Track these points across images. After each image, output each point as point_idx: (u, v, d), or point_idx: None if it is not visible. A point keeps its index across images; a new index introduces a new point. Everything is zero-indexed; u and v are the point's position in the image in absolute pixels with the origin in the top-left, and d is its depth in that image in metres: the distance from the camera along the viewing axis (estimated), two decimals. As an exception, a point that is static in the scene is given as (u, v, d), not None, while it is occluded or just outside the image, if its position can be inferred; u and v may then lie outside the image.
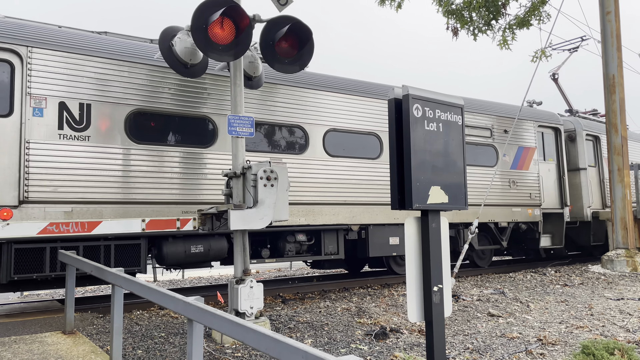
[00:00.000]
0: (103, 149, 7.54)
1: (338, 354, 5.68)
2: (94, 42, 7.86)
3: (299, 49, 6.75)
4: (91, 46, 7.72)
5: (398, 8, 13.57)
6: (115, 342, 4.92)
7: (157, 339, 6.28)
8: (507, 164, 12.75)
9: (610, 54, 13.07)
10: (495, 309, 8.07)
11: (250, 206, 6.27)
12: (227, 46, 6.23)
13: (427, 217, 3.96)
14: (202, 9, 6.02)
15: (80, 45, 7.64)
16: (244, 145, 6.69)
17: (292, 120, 9.44)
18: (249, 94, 8.59)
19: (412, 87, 3.95)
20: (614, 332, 6.49)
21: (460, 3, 13.23)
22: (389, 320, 7.23)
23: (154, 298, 4.22)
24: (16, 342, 5.84)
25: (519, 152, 13.14)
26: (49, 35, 7.50)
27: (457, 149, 4.16)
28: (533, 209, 13.26)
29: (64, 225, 7.12)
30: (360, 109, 10.39)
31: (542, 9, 13.29)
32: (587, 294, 9.40)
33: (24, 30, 7.30)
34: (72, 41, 7.62)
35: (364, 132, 10.39)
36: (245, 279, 6.35)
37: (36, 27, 7.58)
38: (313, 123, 9.70)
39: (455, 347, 5.91)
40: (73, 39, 7.67)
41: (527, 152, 13.38)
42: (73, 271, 6.24)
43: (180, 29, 7.01)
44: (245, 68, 7.27)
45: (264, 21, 6.59)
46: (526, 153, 13.35)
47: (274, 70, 7.18)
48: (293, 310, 8.07)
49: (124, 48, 8.04)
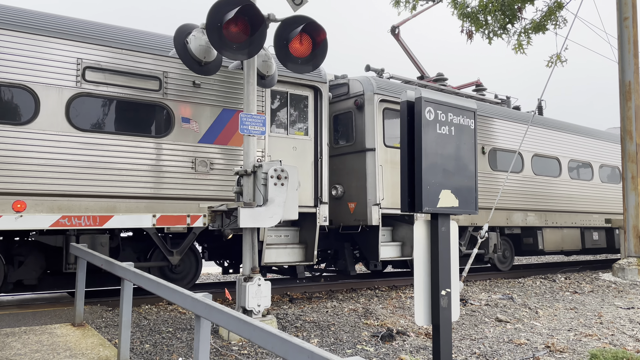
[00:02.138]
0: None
1: (344, 354, 5.69)
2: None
3: (312, 49, 6.76)
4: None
5: (413, 10, 13.54)
6: (124, 335, 4.96)
7: (164, 333, 6.33)
8: (192, 135, 8.31)
9: (627, 60, 12.92)
10: (504, 314, 8.02)
11: (260, 204, 6.29)
12: (241, 45, 6.25)
13: (437, 221, 3.95)
14: (218, 7, 6.04)
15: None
16: (255, 144, 6.72)
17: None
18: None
19: (425, 89, 3.94)
20: (623, 341, 6.42)
21: (476, 6, 13.18)
22: (395, 323, 7.22)
23: (162, 293, 4.25)
24: (26, 333, 5.91)
25: (222, 118, 8.63)
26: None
27: (469, 152, 4.15)
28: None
29: (76, 218, 7.21)
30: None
31: (558, 14, 13.19)
32: (597, 302, 9.31)
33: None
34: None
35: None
36: (253, 276, 6.38)
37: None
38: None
39: (462, 351, 5.89)
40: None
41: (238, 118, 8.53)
42: (84, 264, 6.30)
43: (195, 26, 7.05)
44: (259, 67, 7.30)
45: (279, 20, 6.61)
46: (238, 120, 8.05)
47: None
48: (300, 309, 8.09)
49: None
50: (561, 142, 14.81)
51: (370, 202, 10.18)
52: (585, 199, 15.32)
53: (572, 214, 14.77)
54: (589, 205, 15.39)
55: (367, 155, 10.38)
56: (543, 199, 13.91)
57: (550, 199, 14.08)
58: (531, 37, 13.21)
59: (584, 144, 15.62)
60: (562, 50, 12.31)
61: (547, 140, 14.36)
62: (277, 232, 9.33)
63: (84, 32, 7.72)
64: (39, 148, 7.14)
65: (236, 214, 6.20)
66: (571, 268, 15.87)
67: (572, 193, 14.87)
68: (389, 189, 10.42)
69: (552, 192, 14.19)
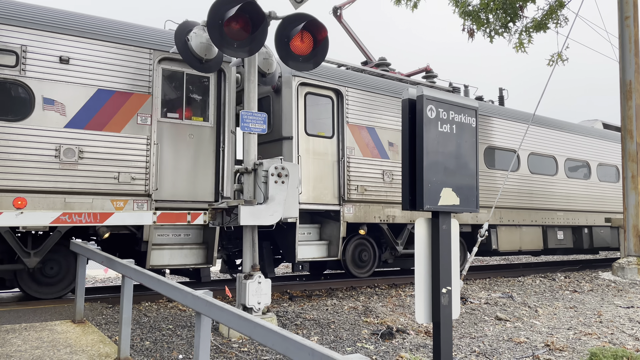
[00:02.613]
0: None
1: (344, 352, 5.69)
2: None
3: (313, 47, 6.75)
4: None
5: (414, 8, 13.52)
6: (124, 332, 4.97)
7: (165, 330, 6.34)
8: (58, 118, 7.20)
9: (628, 59, 12.92)
10: (503, 312, 8.03)
11: (261, 202, 6.29)
12: (242, 42, 6.25)
13: (438, 219, 3.95)
14: (219, 4, 6.04)
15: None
16: (256, 142, 6.72)
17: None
18: None
19: (427, 87, 3.94)
20: (623, 340, 6.43)
21: (477, 4, 13.16)
22: (395, 321, 7.23)
23: (163, 290, 4.25)
24: (26, 330, 5.91)
25: (97, 99, 7.48)
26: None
27: (470, 151, 4.15)
28: (128, 200, 7.67)
29: (77, 215, 7.19)
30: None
31: (559, 12, 13.18)
32: (596, 301, 9.32)
33: None
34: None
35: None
36: (253, 274, 6.39)
37: None
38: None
39: (461, 349, 5.90)
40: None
41: (118, 100, 7.65)
42: (84, 261, 6.30)
43: (196, 24, 7.05)
44: (260, 64, 7.30)
45: (280, 18, 6.60)
46: (117, 102, 7.63)
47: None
48: (300, 307, 8.10)
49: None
50: (521, 133, 13.10)
51: None
52: (549, 195, 13.94)
53: (532, 212, 13.51)
54: (553, 201, 14.02)
55: (284, 145, 9.35)
56: (497, 195, 12.39)
57: (506, 194, 12.69)
58: (532, 35, 13.20)
59: (548, 136, 14.25)
60: (563, 49, 12.31)
61: (505, 132, 13.14)
62: (176, 231, 8.35)
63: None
64: None
65: (237, 211, 6.21)
66: (571, 267, 15.89)
67: (533, 188, 13.58)
68: (310, 182, 9.44)
69: (508, 187, 12.79)
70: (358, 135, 10.25)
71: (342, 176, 9.91)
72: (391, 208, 10.66)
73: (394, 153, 10.74)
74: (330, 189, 9.78)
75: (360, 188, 10.07)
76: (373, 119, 10.54)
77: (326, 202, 9.70)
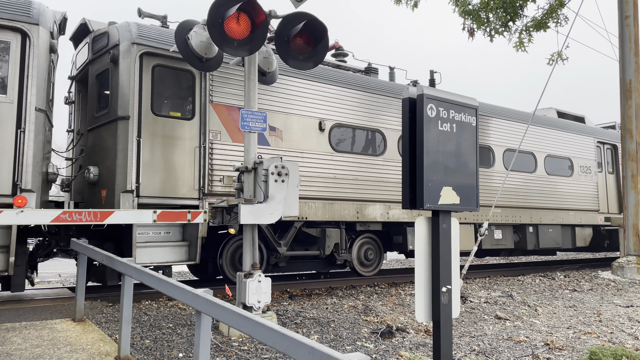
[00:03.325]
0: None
1: (344, 351, 5.70)
2: None
3: (313, 45, 6.75)
4: None
5: (414, 7, 13.52)
6: (124, 331, 4.97)
7: (165, 329, 6.34)
8: None
9: (628, 58, 12.92)
10: (503, 311, 8.04)
11: (261, 201, 6.30)
12: (242, 41, 6.25)
13: (438, 218, 3.96)
14: (219, 3, 6.03)
15: None
16: (256, 140, 6.72)
17: None
18: None
19: (427, 86, 3.95)
20: (622, 339, 6.44)
21: (477, 4, 13.17)
22: (395, 320, 7.23)
23: (163, 289, 4.26)
24: (27, 328, 5.92)
25: None
26: None
27: (470, 150, 4.16)
28: None
29: (77, 214, 7.16)
30: None
31: (559, 12, 13.18)
32: (596, 300, 9.32)
33: None
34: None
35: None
36: (253, 273, 6.39)
37: None
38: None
39: (461, 348, 5.90)
40: None
41: None
42: (84, 260, 6.31)
43: (197, 22, 7.04)
44: (260, 63, 7.29)
45: (280, 17, 6.60)
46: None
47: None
48: (300, 306, 8.10)
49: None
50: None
51: (120, 188, 7.77)
52: (484, 189, 12.28)
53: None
54: (488, 197, 12.18)
55: (119, 126, 7.89)
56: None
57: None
58: (532, 34, 13.20)
59: (484, 124, 12.83)
60: (563, 48, 12.31)
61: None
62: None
63: None
64: None
65: (237, 210, 6.21)
66: (570, 266, 15.90)
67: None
68: (158, 171, 8.03)
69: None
70: (227, 117, 8.76)
71: (203, 165, 8.41)
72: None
73: (277, 139, 9.26)
74: (188, 180, 8.31)
75: (227, 179, 8.53)
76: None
77: (181, 195, 8.23)
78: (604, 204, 15.82)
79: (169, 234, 8.02)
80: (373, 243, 11.24)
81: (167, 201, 8.11)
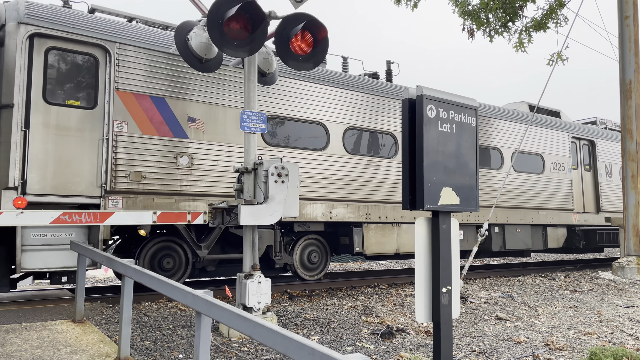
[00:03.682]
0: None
1: (344, 352, 5.69)
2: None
3: (313, 46, 6.75)
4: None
5: (414, 7, 13.53)
6: (124, 332, 4.97)
7: (165, 330, 6.34)
8: None
9: (628, 59, 12.92)
10: (503, 312, 8.03)
11: (261, 202, 6.30)
12: (242, 42, 6.25)
13: (438, 218, 3.95)
14: (219, 4, 6.04)
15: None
16: (256, 141, 6.72)
17: None
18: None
19: (427, 87, 3.95)
20: (623, 340, 6.44)
21: (477, 4, 13.18)
22: (395, 320, 7.23)
23: (163, 290, 4.25)
24: (26, 329, 5.92)
25: None
26: None
27: (470, 150, 4.16)
28: None
29: (77, 215, 7.16)
30: None
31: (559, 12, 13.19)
32: (596, 301, 9.32)
33: None
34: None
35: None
36: (253, 274, 6.39)
37: None
38: None
39: (461, 349, 5.90)
40: None
41: None
42: (84, 261, 6.31)
43: (196, 23, 7.05)
44: (260, 64, 7.30)
45: (280, 18, 6.60)
46: None
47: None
48: (300, 306, 8.10)
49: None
50: (391, 110, 10.96)
51: (1, 184, 7.09)
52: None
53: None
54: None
55: (2, 115, 7.26)
56: (363, 186, 10.40)
57: (374, 186, 10.56)
58: (532, 35, 13.21)
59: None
60: (563, 48, 12.31)
61: (373, 110, 10.84)
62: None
63: None
64: None
65: (237, 211, 6.21)
66: (571, 266, 15.89)
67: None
68: (50, 165, 7.33)
69: (377, 178, 10.62)
70: (135, 107, 8.01)
71: (106, 159, 7.66)
72: (192, 202, 8.39)
73: (197, 131, 8.53)
74: (87, 176, 7.56)
75: (134, 175, 7.84)
76: (162, 87, 8.26)
77: (78, 193, 7.48)
78: (579, 203, 15.13)
79: (71, 235, 7.34)
80: (318, 245, 10.58)
81: (62, 199, 7.37)
